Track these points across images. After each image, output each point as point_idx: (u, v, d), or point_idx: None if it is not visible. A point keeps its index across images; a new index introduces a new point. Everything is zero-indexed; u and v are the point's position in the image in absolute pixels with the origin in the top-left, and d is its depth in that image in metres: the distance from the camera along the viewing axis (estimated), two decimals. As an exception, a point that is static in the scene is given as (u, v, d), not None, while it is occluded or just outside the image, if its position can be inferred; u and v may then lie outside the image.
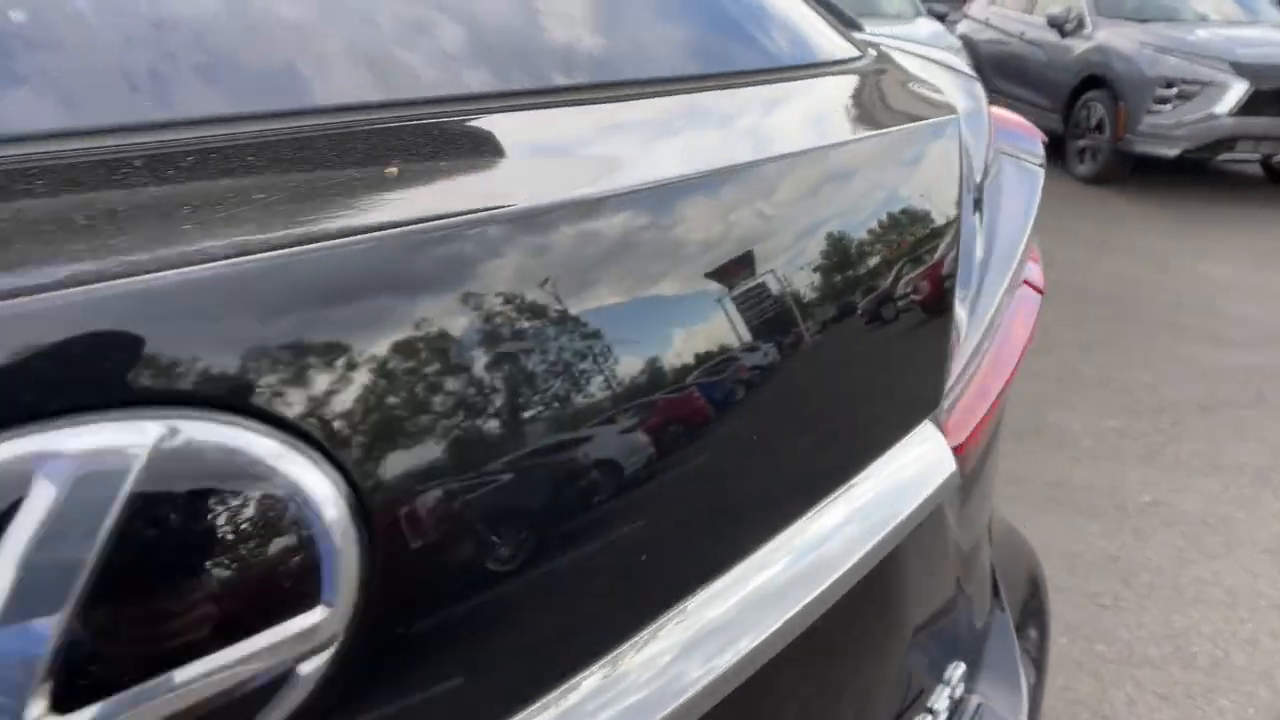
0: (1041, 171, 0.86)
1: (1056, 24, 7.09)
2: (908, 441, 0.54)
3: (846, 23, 0.96)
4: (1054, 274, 4.07)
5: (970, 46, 7.60)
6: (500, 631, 0.35)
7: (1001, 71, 7.75)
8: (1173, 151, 6.17)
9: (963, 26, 8.40)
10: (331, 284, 0.31)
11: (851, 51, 0.81)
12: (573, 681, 0.37)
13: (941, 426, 0.59)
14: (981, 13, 8.29)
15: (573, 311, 0.38)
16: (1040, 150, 0.89)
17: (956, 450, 0.61)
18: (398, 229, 0.34)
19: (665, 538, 0.41)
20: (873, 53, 0.84)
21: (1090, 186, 6.58)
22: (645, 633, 0.40)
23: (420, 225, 0.34)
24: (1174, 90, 6.15)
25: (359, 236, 0.32)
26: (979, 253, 0.71)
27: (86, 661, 0.24)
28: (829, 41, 0.80)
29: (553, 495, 0.36)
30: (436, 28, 0.49)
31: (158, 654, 0.26)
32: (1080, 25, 6.95)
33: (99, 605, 0.24)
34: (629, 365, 0.39)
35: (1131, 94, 6.28)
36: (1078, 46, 6.89)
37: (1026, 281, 0.86)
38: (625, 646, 0.40)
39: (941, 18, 7.63)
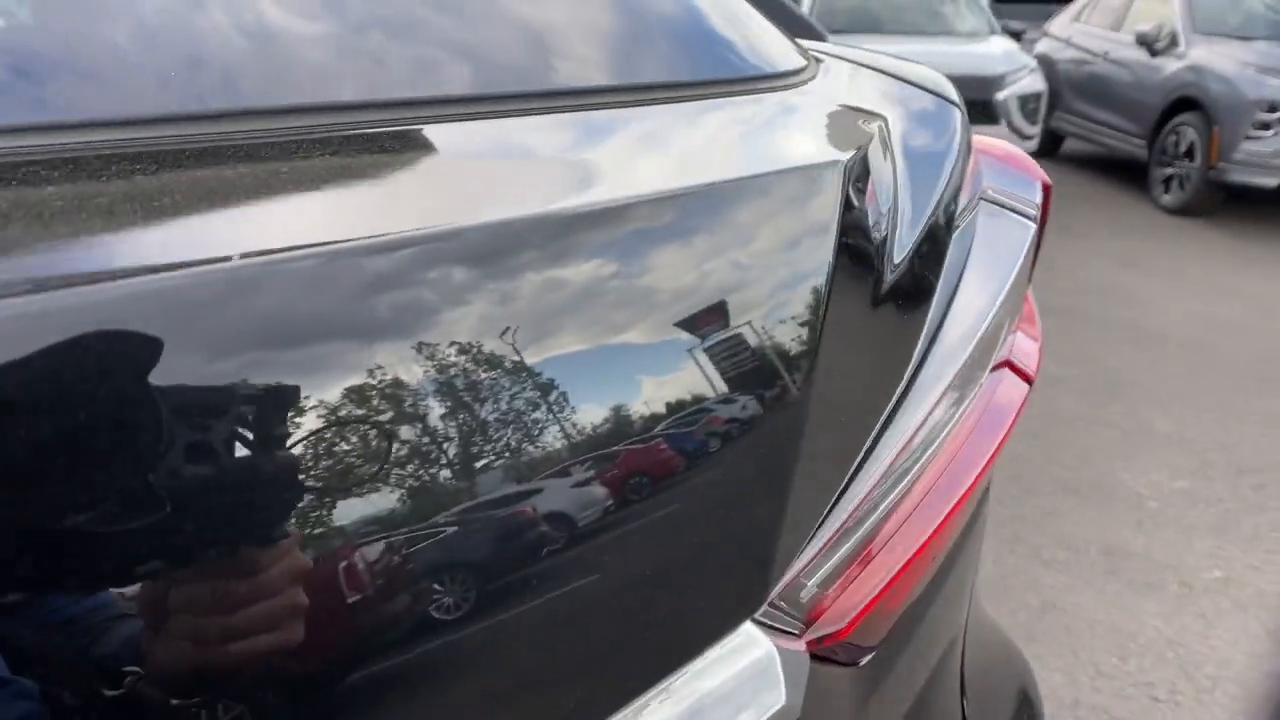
0: (1033, 225, 0.66)
1: (1146, 42, 6.67)
2: (716, 654, 0.36)
3: (807, 32, 0.78)
4: (1128, 313, 3.82)
5: (1048, 66, 7.22)
6: None
7: (1081, 93, 7.35)
8: (1273, 182, 5.71)
9: (1042, 45, 8.01)
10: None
11: (788, 66, 0.64)
12: None
13: (795, 615, 0.40)
14: (1063, 31, 7.89)
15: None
16: (1038, 197, 0.69)
17: (839, 636, 0.43)
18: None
19: None
20: (815, 69, 0.66)
21: (1175, 218, 6.14)
22: None
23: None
24: (1278, 115, 5.69)
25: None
26: (920, 341, 0.52)
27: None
28: (754, 55, 0.62)
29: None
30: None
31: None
32: (1173, 43, 6.52)
33: None
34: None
35: (1228, 118, 5.83)
36: (1168, 66, 6.47)
37: (1011, 364, 0.66)
38: None
39: (1018, 36, 7.27)
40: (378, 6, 0.46)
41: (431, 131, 0.42)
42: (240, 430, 0.27)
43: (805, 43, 0.77)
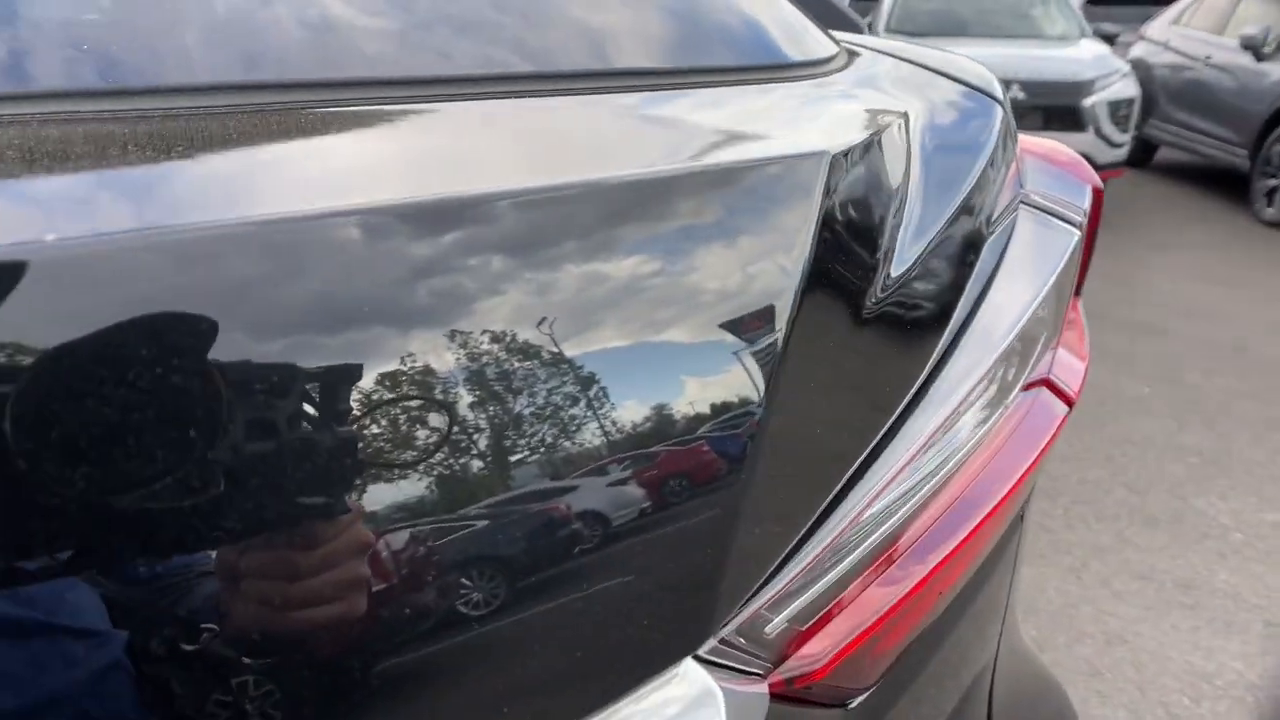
0: (1076, 232, 0.60)
1: (1252, 45, 6.30)
2: (651, 693, 0.32)
3: (844, 24, 0.73)
4: (1218, 332, 3.61)
5: (1143, 71, 6.90)
6: None
7: (1179, 100, 6.99)
8: (1386, 196, 5.34)
9: (1137, 49, 7.66)
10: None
11: (812, 55, 0.59)
12: None
13: (759, 654, 0.36)
14: (1161, 34, 7.52)
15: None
16: (1085, 202, 0.63)
17: (813, 676, 0.38)
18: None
19: None
20: (844, 60, 0.62)
21: (1277, 232, 5.79)
22: None
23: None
24: (1394, 125, 5.32)
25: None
26: (931, 360, 0.47)
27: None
28: (776, 43, 0.58)
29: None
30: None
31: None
32: (1280, 48, 6.15)
33: None
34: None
35: (1340, 128, 5.48)
36: (1275, 72, 6.10)
37: (1050, 383, 0.61)
38: None
39: (1111, 39, 6.96)
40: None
41: (477, 107, 0.42)
42: (307, 402, 0.29)
43: (842, 35, 0.72)
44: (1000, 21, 7.02)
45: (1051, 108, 5.87)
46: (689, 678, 0.34)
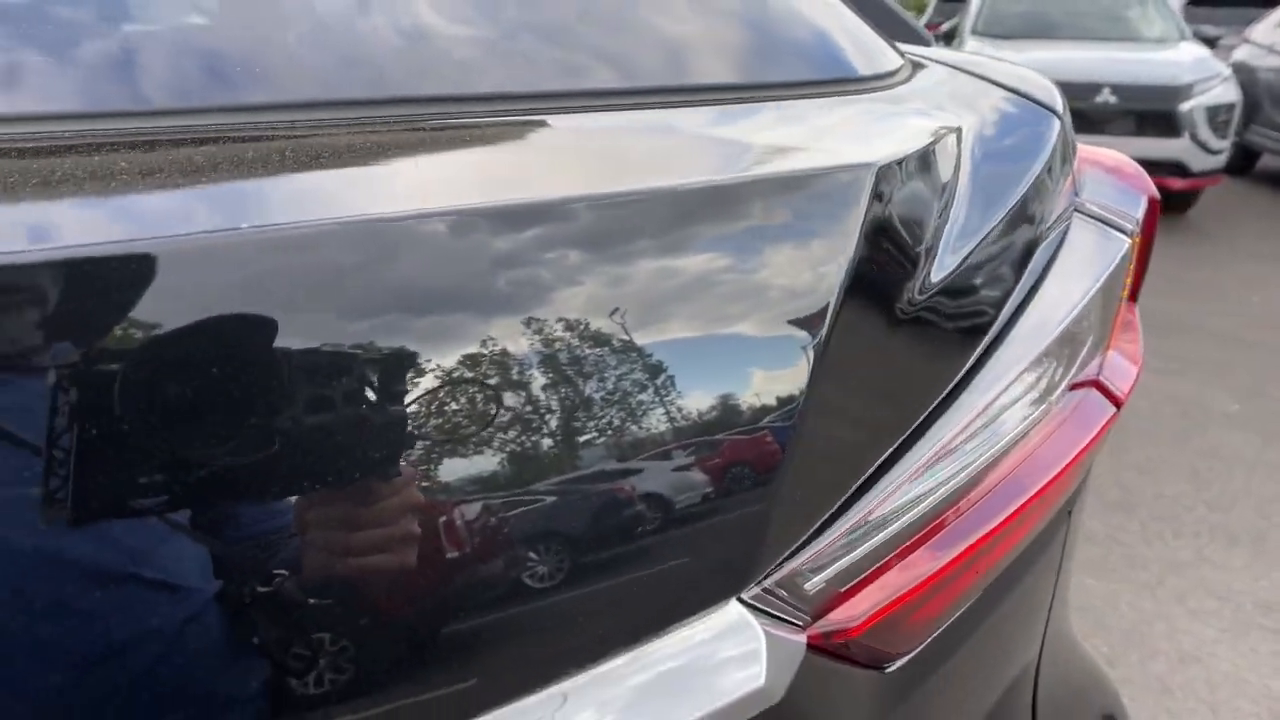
0: (1127, 240, 0.62)
1: (1365, 51, 5.98)
2: (691, 634, 0.38)
3: (911, 36, 0.77)
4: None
5: (1245, 75, 6.59)
6: None
7: (1285, 105, 6.67)
8: None
9: (1240, 53, 7.32)
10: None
11: (879, 70, 0.64)
12: None
13: (799, 608, 0.41)
14: (1266, 37, 7.17)
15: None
16: (1139, 211, 0.66)
17: (849, 633, 0.43)
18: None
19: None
20: (909, 73, 0.66)
21: (1391, 245, 5.47)
22: None
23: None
24: None
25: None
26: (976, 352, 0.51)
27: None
28: (845, 59, 0.63)
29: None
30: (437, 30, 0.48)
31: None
32: (1399, 52, 5.81)
33: None
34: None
35: None
36: (1390, 78, 5.78)
37: (1099, 384, 0.64)
38: None
39: (1212, 43, 6.67)
40: (533, 15, 0.51)
41: (567, 119, 0.47)
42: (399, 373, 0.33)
43: (909, 48, 0.76)
44: (1093, 24, 6.81)
45: (1145, 112, 5.67)
46: (734, 615, 0.40)
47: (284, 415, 0.32)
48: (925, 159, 0.50)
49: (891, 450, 0.46)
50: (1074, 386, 0.62)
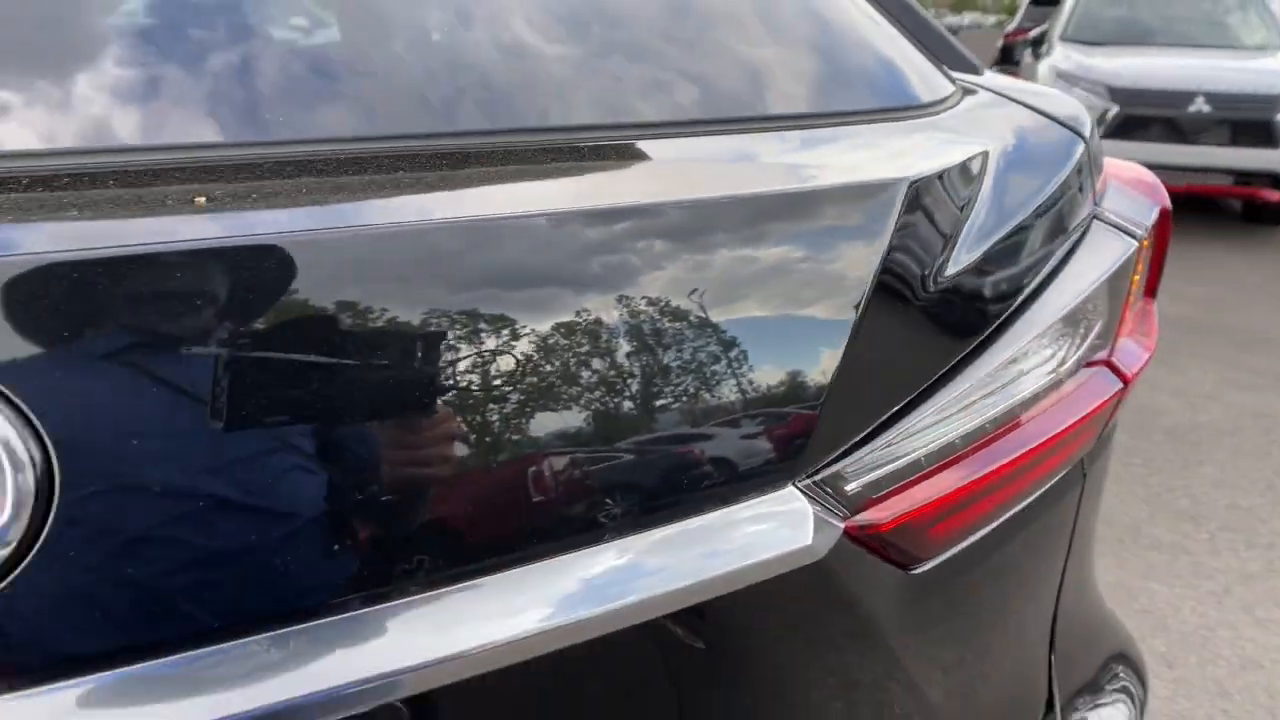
0: (1135, 243, 0.74)
1: None
2: (757, 505, 0.53)
3: (964, 65, 0.90)
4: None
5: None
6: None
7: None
8: None
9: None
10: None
11: (933, 97, 0.77)
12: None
13: (841, 501, 0.55)
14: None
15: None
16: (1150, 219, 0.77)
17: (880, 528, 0.57)
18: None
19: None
20: (958, 100, 0.79)
21: None
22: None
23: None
24: None
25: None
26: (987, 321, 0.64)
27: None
28: (906, 89, 0.76)
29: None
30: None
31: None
32: None
33: None
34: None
35: None
36: None
37: (1110, 364, 0.76)
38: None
39: (1318, 49, 6.42)
40: (632, 53, 0.66)
41: (658, 144, 0.61)
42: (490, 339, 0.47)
43: (961, 75, 0.89)
44: (1190, 29, 6.63)
45: (1241, 122, 5.52)
46: (790, 496, 0.54)
47: (449, 356, 0.45)
48: (951, 175, 0.63)
49: (918, 393, 0.59)
50: (1088, 365, 0.74)
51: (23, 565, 0.38)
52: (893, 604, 0.61)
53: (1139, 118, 5.80)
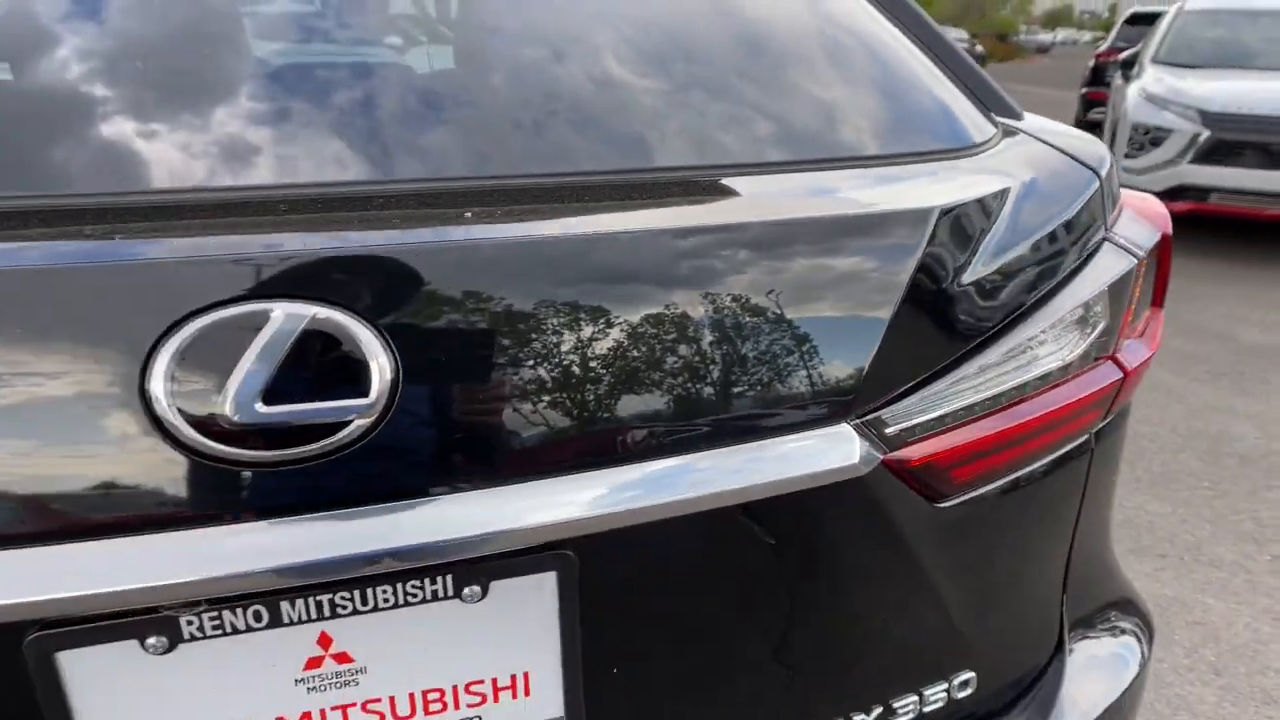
0: (1134, 261, 0.92)
1: None
2: (820, 434, 0.74)
3: (1005, 110, 1.08)
4: None
5: None
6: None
7: None
8: None
9: None
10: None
11: (977, 140, 0.96)
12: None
13: (881, 439, 0.76)
14: None
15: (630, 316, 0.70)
16: (1150, 243, 0.94)
17: (910, 463, 0.77)
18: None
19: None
20: (998, 142, 0.98)
21: None
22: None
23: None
24: None
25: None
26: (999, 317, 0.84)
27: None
28: (955, 133, 0.96)
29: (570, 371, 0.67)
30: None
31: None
32: None
33: None
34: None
35: None
36: None
37: (1114, 358, 0.93)
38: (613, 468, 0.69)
39: None
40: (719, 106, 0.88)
41: (739, 179, 0.82)
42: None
43: (1005, 120, 1.07)
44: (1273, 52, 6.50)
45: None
46: (843, 430, 0.74)
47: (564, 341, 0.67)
48: (973, 205, 0.83)
49: (946, 364, 0.79)
50: (1096, 359, 0.91)
51: (385, 420, 0.63)
52: (923, 529, 0.81)
53: (1231, 143, 5.74)
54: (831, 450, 0.73)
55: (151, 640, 0.62)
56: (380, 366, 0.62)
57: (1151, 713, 2.04)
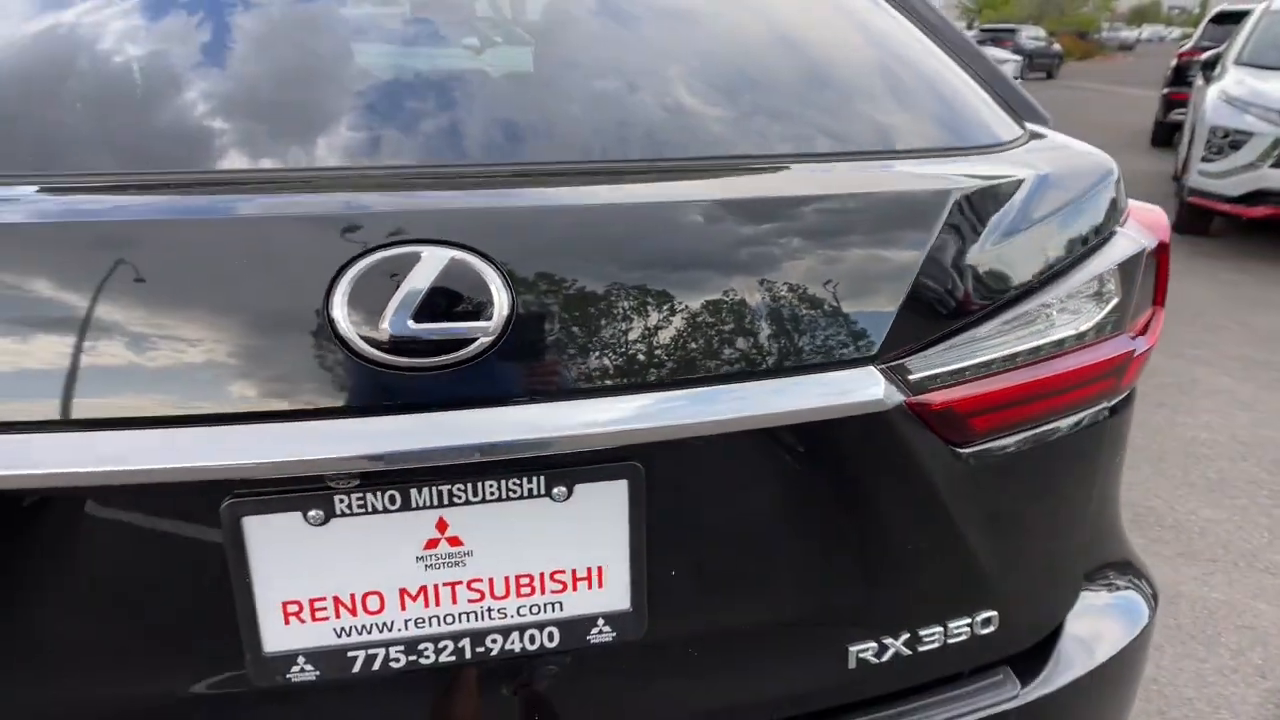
0: (1141, 246, 1.04)
1: None
2: (850, 374, 0.88)
3: (1033, 115, 1.21)
4: None
5: None
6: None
7: None
8: None
9: None
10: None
11: (1004, 139, 1.09)
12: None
13: (905, 384, 0.90)
14: None
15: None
16: (1147, 242, 1.07)
17: (931, 406, 0.90)
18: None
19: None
20: (1024, 142, 1.11)
21: None
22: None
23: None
24: None
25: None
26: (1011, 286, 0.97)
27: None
28: (984, 131, 1.09)
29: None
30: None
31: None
32: None
33: None
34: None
35: None
36: None
37: (1123, 337, 1.06)
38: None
39: None
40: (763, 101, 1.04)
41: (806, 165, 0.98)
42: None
43: (1033, 125, 1.20)
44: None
45: None
46: (871, 372, 0.88)
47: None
48: (996, 186, 0.97)
49: (966, 321, 0.92)
50: (1104, 339, 1.04)
51: (502, 340, 0.79)
52: (945, 471, 0.95)
53: (1314, 147, 5.60)
54: (858, 387, 0.87)
55: (312, 513, 0.80)
56: (500, 300, 0.79)
57: (1191, 709, 2.09)
